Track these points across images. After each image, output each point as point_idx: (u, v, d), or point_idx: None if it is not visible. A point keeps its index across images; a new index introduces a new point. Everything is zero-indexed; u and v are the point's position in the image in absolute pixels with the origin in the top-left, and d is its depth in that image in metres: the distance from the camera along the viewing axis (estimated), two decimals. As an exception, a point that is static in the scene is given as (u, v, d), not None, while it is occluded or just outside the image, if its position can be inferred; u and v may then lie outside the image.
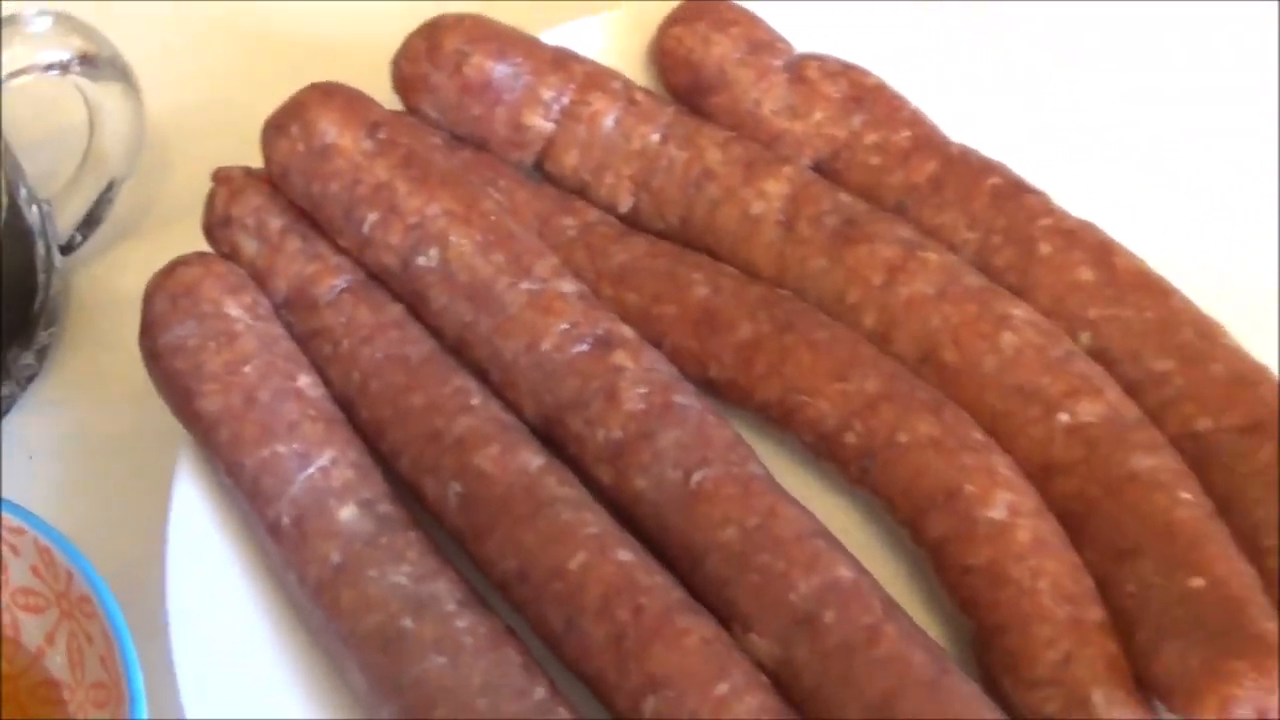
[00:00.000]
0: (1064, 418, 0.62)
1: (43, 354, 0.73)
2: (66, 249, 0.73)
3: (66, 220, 0.72)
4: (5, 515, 0.61)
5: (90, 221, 0.72)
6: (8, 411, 0.71)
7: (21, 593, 0.63)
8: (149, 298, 0.64)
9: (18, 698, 0.63)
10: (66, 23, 0.66)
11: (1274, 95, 0.73)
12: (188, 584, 0.62)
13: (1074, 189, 0.68)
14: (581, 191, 0.69)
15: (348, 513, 0.61)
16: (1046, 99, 0.73)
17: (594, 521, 0.60)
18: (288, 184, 0.64)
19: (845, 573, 0.59)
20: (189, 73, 0.80)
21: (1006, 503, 0.60)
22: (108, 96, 0.68)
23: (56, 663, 0.63)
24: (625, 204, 0.69)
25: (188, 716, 0.60)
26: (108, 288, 0.75)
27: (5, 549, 0.62)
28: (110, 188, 0.72)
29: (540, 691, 0.59)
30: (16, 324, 0.71)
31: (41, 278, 0.71)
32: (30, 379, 0.72)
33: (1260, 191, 0.71)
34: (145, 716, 0.57)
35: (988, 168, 0.68)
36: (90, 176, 0.71)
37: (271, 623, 0.63)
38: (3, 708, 0.62)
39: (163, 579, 0.62)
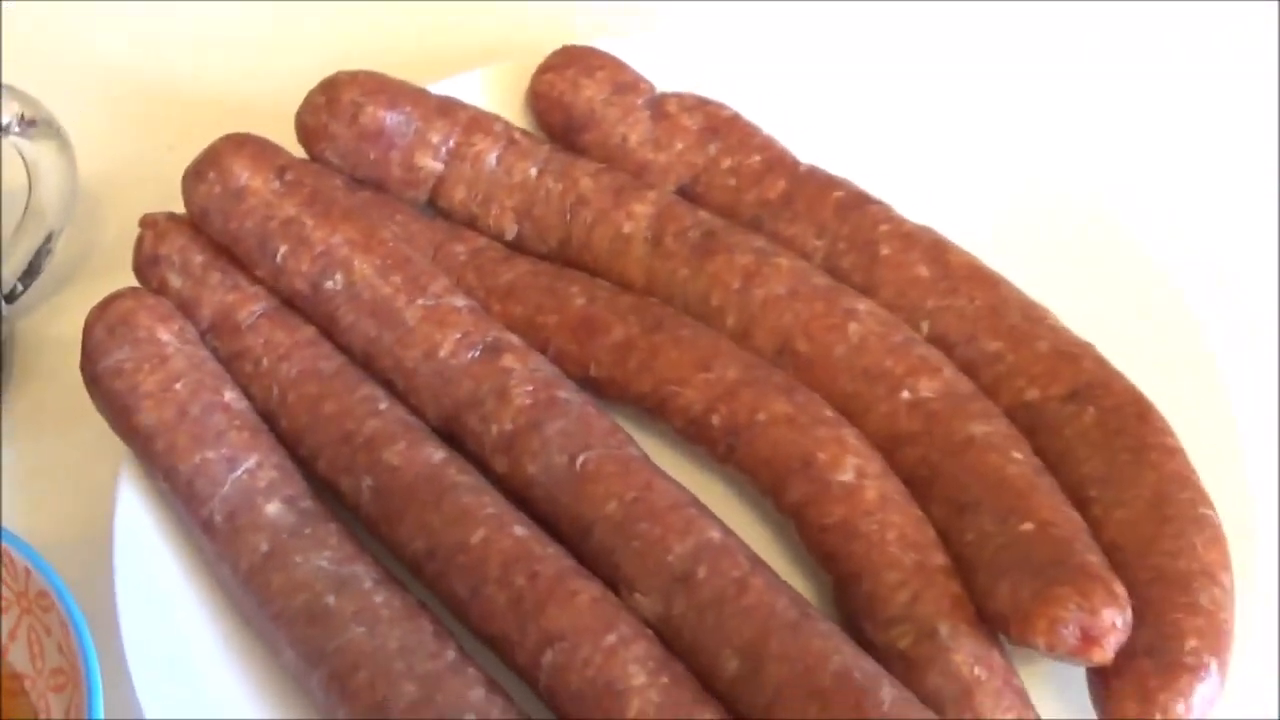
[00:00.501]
0: (906, 395, 0.70)
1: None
2: (9, 298, 0.79)
3: (9, 271, 0.79)
4: (-36, 528, 0.68)
5: (30, 271, 0.79)
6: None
7: (-18, 594, 0.70)
8: (88, 328, 0.71)
9: (-13, 676, 0.69)
10: (7, 90, 0.74)
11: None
12: (133, 580, 0.69)
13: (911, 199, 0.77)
14: (470, 222, 0.77)
15: (273, 508, 0.68)
16: (882, 115, 0.82)
17: (492, 503, 0.68)
18: (207, 223, 0.72)
19: (715, 534, 0.67)
20: (114, 131, 0.87)
21: (854, 467, 0.68)
22: (44, 154, 0.76)
23: (19, 657, 0.69)
24: (510, 231, 0.77)
25: (140, 697, 0.67)
26: (48, 332, 0.81)
27: (-33, 555, 0.69)
28: (49, 239, 0.78)
29: (451, 654, 0.66)
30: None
31: (-7, 327, 0.78)
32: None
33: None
34: (100, 693, 0.64)
35: (832, 183, 0.77)
36: (30, 229, 0.78)
37: (209, 611, 0.70)
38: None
39: (111, 577, 0.69)
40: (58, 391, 0.78)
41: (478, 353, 0.70)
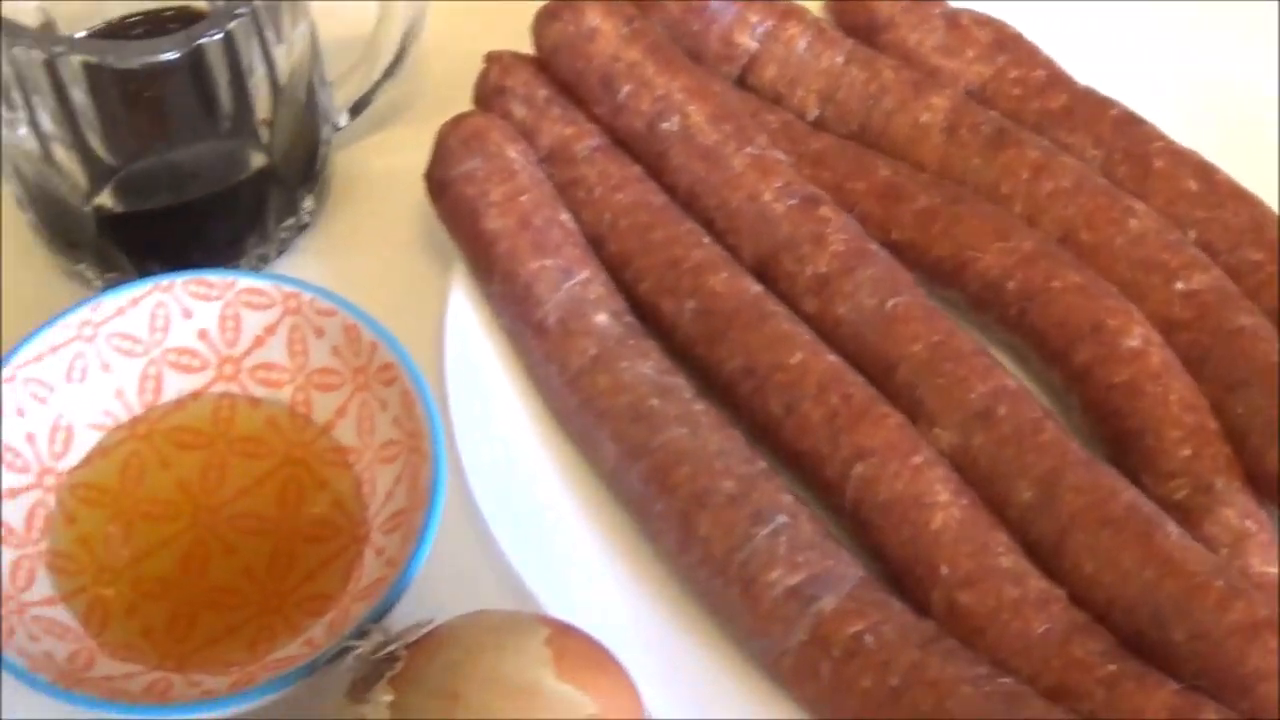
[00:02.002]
0: (1180, 285, 0.74)
1: (302, 223, 0.83)
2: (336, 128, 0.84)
3: (340, 102, 0.83)
4: (316, 299, 0.72)
5: (359, 106, 0.84)
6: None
7: (318, 373, 0.73)
8: (442, 139, 0.75)
9: (308, 461, 0.73)
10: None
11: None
12: (459, 375, 0.73)
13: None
14: (776, 101, 0.82)
15: (601, 318, 0.73)
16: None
17: (807, 333, 0.72)
18: (556, 59, 0.76)
19: (1011, 382, 0.71)
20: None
21: (1140, 335, 0.72)
22: (401, -1, 0.81)
23: (346, 432, 0.73)
24: (812, 113, 0.82)
25: (470, 482, 0.70)
26: (367, 164, 0.85)
27: (311, 333, 0.73)
28: (383, 77, 0.83)
29: (762, 464, 0.69)
30: (291, 195, 0.81)
31: (321, 151, 0.82)
32: (287, 243, 0.83)
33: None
34: (445, 455, 0.68)
35: (1108, 102, 0.81)
36: (367, 65, 0.83)
37: (528, 409, 0.74)
38: (296, 469, 0.72)
39: (441, 371, 0.73)
40: (369, 219, 0.83)
41: (796, 201, 0.75)
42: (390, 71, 0.83)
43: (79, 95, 0.70)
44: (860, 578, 0.66)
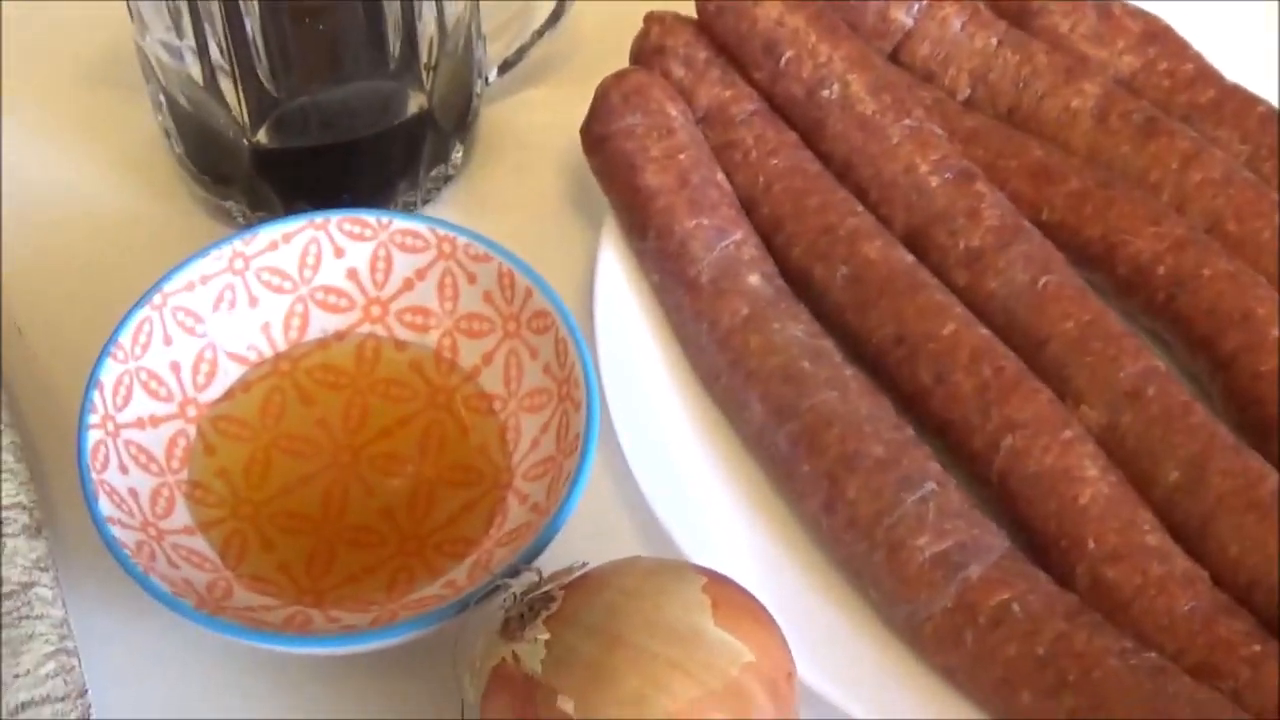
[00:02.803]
0: (1328, 285, 0.74)
1: (449, 174, 0.83)
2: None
3: (491, 57, 0.83)
4: (471, 244, 0.71)
5: (509, 63, 0.83)
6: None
7: (467, 319, 0.73)
8: (603, 93, 0.74)
9: (452, 405, 0.72)
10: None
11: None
12: (611, 331, 0.73)
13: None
14: (927, 79, 0.81)
15: (754, 279, 0.72)
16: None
17: (959, 305, 0.71)
18: (718, 21, 0.76)
19: (1161, 364, 0.70)
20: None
21: (1290, 324, 0.71)
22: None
23: (492, 379, 0.72)
24: (964, 92, 0.81)
25: (619, 434, 0.70)
26: (512, 120, 0.85)
27: (463, 278, 0.72)
28: (537, 35, 0.83)
29: (910, 431, 0.68)
30: (443, 143, 0.81)
31: (474, 103, 0.82)
32: (433, 193, 0.83)
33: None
34: (599, 402, 0.67)
35: (1256, 99, 0.80)
36: (523, 22, 0.82)
37: (675, 367, 0.73)
38: (439, 414, 0.72)
39: (590, 325, 0.72)
40: (515, 173, 0.83)
41: (951, 175, 0.74)
42: (544, 29, 0.82)
43: (252, 25, 0.69)
44: (1006, 548, 0.65)
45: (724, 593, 0.58)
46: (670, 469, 0.70)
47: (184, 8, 0.70)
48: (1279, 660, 0.61)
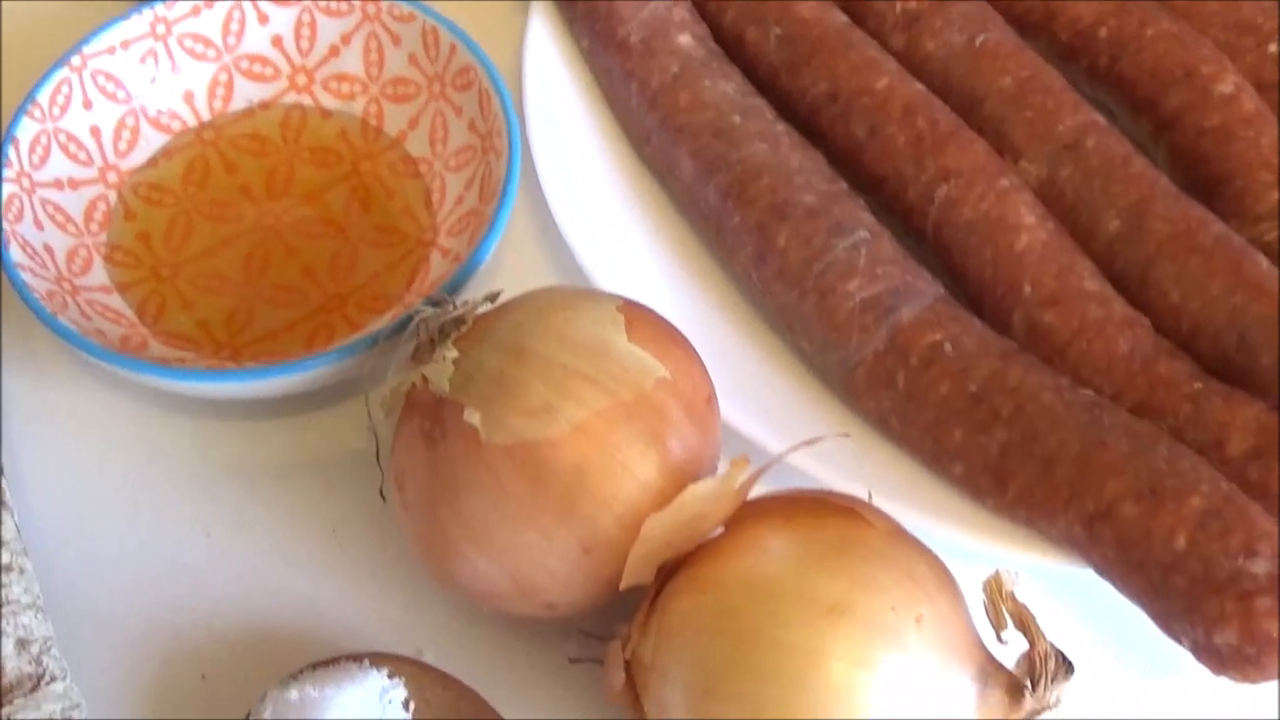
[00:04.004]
0: (1273, 48, 0.70)
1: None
2: None
3: None
4: (394, 4, 0.68)
5: None
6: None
7: (392, 83, 0.69)
8: None
9: (377, 171, 0.69)
10: None
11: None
12: (538, 95, 0.69)
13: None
14: None
15: (685, 39, 0.68)
16: None
17: (893, 62, 0.67)
18: None
19: (1099, 118, 0.66)
20: None
21: (1234, 81, 0.67)
22: None
23: (418, 143, 0.69)
24: None
25: (551, 205, 0.66)
26: None
27: (388, 40, 0.69)
28: None
29: (842, 184, 0.65)
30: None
31: None
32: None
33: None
34: (520, 156, 0.63)
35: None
36: None
37: (603, 130, 0.70)
38: (364, 179, 0.68)
39: (520, 90, 0.69)
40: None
41: (889, -62, 0.70)
42: None
43: None
44: (939, 294, 0.62)
45: (639, 314, 0.55)
46: (597, 226, 0.66)
47: None
48: (1221, 395, 0.58)
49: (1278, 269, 0.61)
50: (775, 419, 0.61)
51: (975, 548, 0.57)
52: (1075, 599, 0.58)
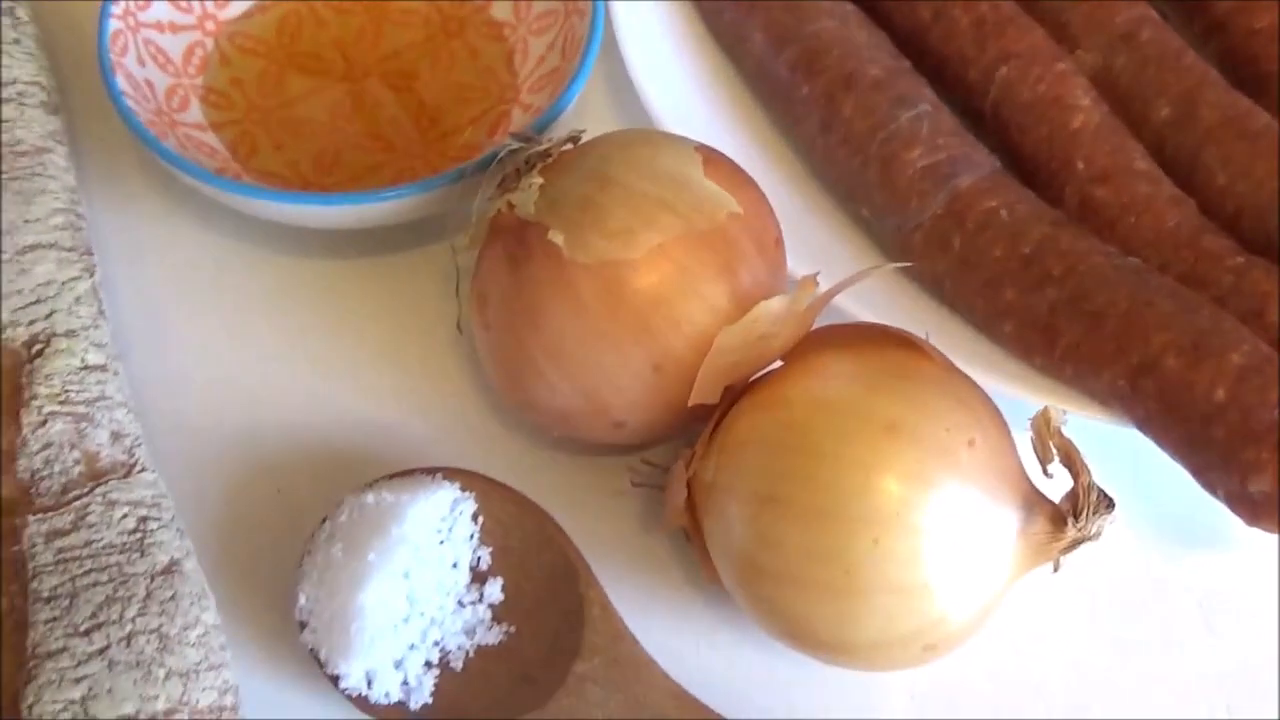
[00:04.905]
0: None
1: None
2: None
3: None
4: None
5: None
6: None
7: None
8: None
9: (462, 33, 0.71)
10: None
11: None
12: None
13: None
14: None
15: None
16: None
17: (958, -51, 0.69)
18: None
19: (1154, 13, 0.68)
20: None
21: (1282, -16, 0.69)
22: None
23: (501, 8, 0.70)
24: None
25: (630, 68, 0.68)
26: None
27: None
28: None
29: (906, 63, 0.67)
30: None
31: None
32: None
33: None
34: (603, 13, 0.65)
35: None
36: None
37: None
38: (450, 40, 0.70)
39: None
40: None
41: None
42: None
43: None
44: (996, 166, 0.64)
45: (715, 156, 0.57)
46: (672, 93, 0.68)
47: None
48: (1263, 269, 0.60)
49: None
50: (835, 277, 0.63)
51: (1023, 400, 0.59)
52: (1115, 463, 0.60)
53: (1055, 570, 0.53)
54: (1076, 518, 0.51)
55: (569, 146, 0.58)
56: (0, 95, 0.63)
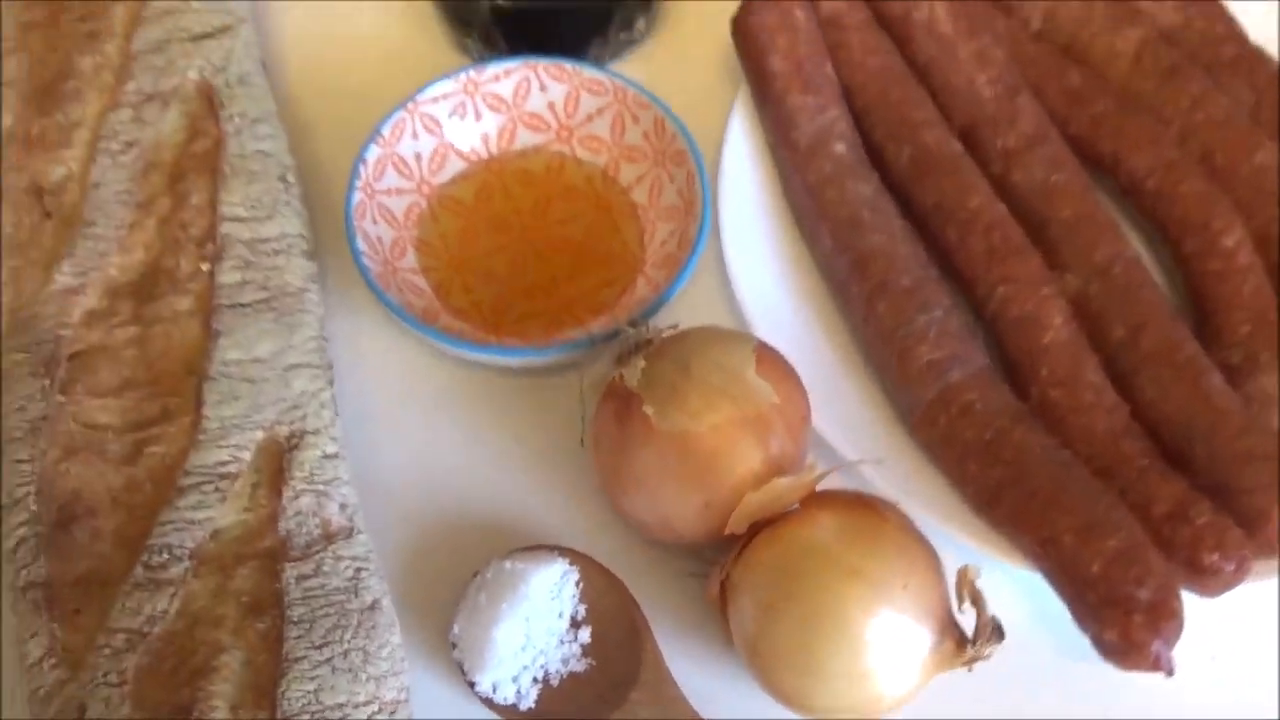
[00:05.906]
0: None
1: (634, 39, 1.10)
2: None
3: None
4: (638, 94, 0.99)
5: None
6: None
7: (628, 149, 1.01)
8: (750, -3, 1.02)
9: (611, 209, 1.00)
10: None
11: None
12: (732, 172, 1.00)
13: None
14: (1008, 13, 1.05)
15: (840, 147, 0.98)
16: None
17: (987, 186, 0.97)
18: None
19: (1130, 251, 0.95)
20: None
21: (1237, 238, 0.93)
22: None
23: (640, 194, 1.00)
24: (1034, 25, 1.04)
25: (727, 259, 0.97)
26: (685, 5, 1.12)
27: (629, 119, 1.00)
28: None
29: (934, 271, 0.95)
30: (630, 15, 1.07)
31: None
32: (619, 51, 1.10)
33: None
34: (709, 218, 0.95)
35: (1269, 60, 1.03)
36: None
37: (774, 205, 1.01)
38: (600, 214, 1.01)
39: (718, 164, 1.00)
40: (684, 44, 1.10)
41: (1001, 88, 0.99)
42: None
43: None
44: (983, 365, 0.92)
45: (768, 354, 0.86)
46: (758, 277, 0.97)
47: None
48: (1159, 473, 0.87)
49: (1231, 388, 0.89)
50: (855, 434, 0.92)
51: (972, 547, 0.87)
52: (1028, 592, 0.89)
53: (970, 670, 0.82)
54: (974, 643, 0.81)
55: (669, 332, 0.88)
56: (276, 247, 0.95)
